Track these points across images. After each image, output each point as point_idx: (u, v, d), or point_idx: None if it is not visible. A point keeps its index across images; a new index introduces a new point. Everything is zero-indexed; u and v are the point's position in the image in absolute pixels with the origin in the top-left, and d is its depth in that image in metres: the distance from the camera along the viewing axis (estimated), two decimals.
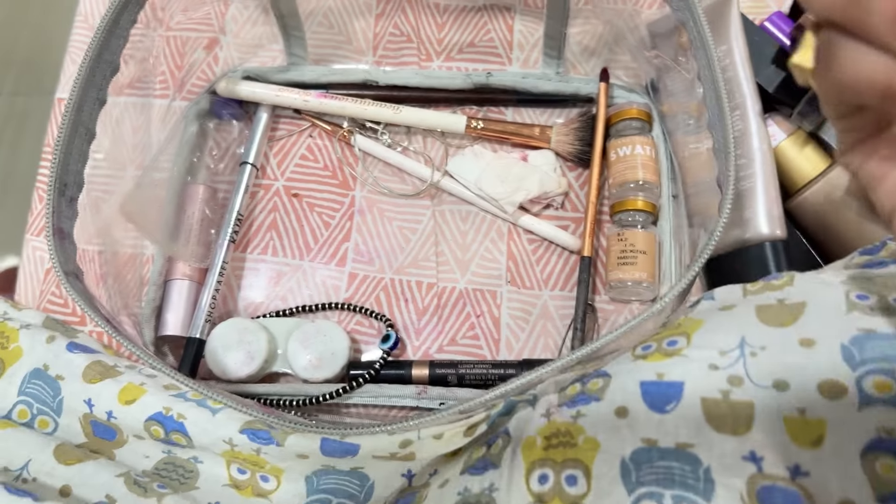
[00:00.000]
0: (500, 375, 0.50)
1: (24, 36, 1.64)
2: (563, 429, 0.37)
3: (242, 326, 0.52)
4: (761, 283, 0.38)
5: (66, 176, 0.42)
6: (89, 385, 0.48)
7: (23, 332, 0.51)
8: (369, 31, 0.63)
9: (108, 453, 0.47)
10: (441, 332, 0.55)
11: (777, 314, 0.35)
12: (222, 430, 0.44)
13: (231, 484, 0.45)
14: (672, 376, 0.35)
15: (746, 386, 0.33)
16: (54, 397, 0.48)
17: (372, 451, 0.41)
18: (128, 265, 0.56)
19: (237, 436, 0.44)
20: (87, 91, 0.44)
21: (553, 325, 0.54)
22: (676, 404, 0.34)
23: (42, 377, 0.49)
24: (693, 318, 0.38)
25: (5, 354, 0.50)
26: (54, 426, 0.48)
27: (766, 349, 0.34)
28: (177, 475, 0.46)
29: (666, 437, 0.34)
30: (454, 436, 0.41)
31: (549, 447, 0.37)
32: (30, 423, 0.48)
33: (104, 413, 0.47)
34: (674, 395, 0.35)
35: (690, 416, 0.34)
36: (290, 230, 0.58)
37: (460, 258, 0.56)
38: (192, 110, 0.59)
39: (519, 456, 0.37)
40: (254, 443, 0.43)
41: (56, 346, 0.50)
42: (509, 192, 0.54)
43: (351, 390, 0.50)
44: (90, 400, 0.47)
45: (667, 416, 0.35)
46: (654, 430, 0.34)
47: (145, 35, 0.55)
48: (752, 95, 0.51)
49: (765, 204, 0.49)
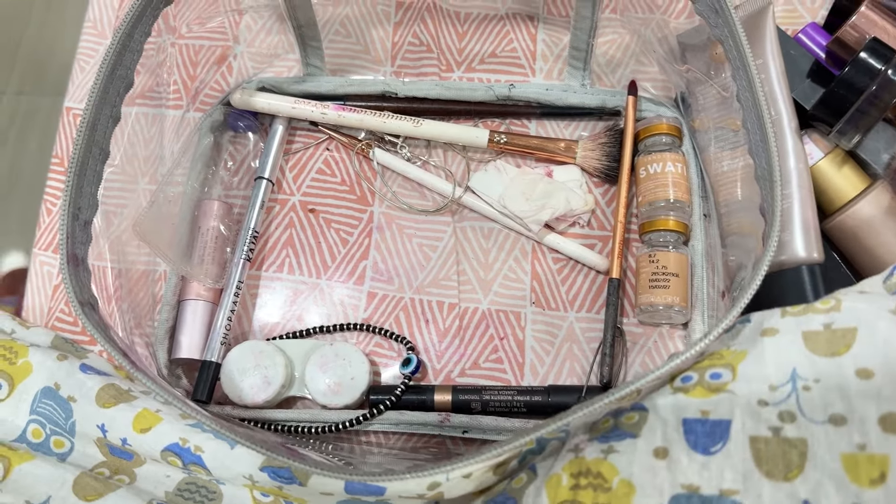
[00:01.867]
0: (525, 403, 0.48)
1: (28, 34, 1.62)
2: (593, 468, 0.35)
3: (258, 350, 0.50)
4: (801, 306, 0.36)
5: (79, 199, 0.41)
6: (103, 409, 0.47)
7: (32, 349, 0.50)
8: (388, 41, 0.61)
9: (128, 472, 0.46)
10: (463, 355, 0.53)
11: (828, 343, 0.33)
12: (241, 466, 0.43)
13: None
14: (718, 414, 0.34)
15: (800, 422, 0.31)
16: (66, 419, 0.47)
17: (399, 493, 0.40)
18: (140, 282, 0.54)
19: (257, 473, 0.42)
20: (100, 109, 0.42)
21: (579, 349, 0.52)
22: (723, 445, 0.33)
23: (54, 397, 0.48)
24: (735, 349, 0.36)
25: (14, 370, 0.49)
26: (70, 446, 0.47)
27: (819, 382, 0.32)
28: (200, 496, 0.45)
29: (710, 483, 0.32)
30: (483, 474, 0.39)
31: (577, 487, 0.35)
32: (45, 442, 0.47)
33: (118, 440, 0.46)
34: (720, 435, 0.33)
35: (738, 459, 0.32)
36: (306, 247, 0.57)
37: (483, 277, 0.54)
38: (206, 122, 0.57)
39: (543, 494, 0.35)
40: (274, 481, 0.42)
41: (68, 365, 0.49)
42: (534, 210, 0.52)
43: (371, 417, 0.48)
44: (103, 425, 0.46)
45: (711, 458, 0.33)
46: (696, 474, 0.33)
47: (158, 45, 0.53)
48: (789, 112, 0.49)
49: (801, 225, 0.47)
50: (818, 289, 0.47)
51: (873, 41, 0.47)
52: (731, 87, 0.42)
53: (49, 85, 1.58)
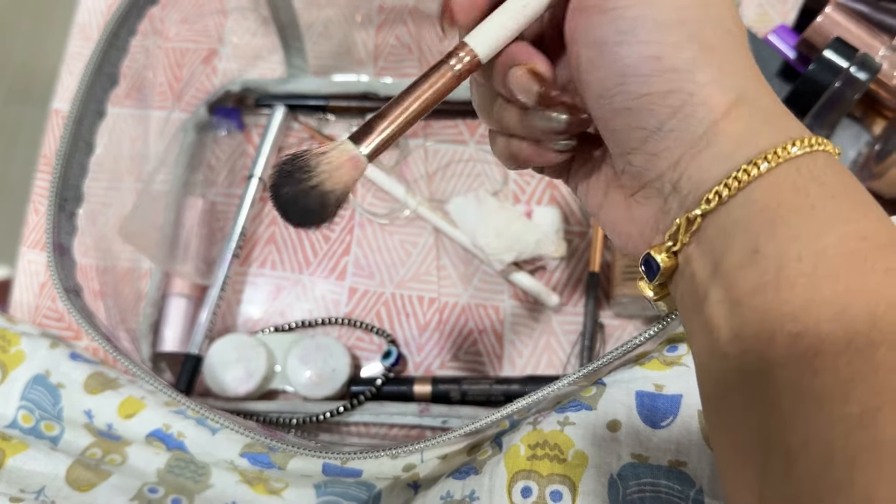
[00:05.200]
0: (503, 392, 0.49)
1: (16, 45, 1.63)
2: (550, 440, 0.36)
3: (241, 343, 0.51)
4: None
5: (65, 191, 0.42)
6: (90, 396, 0.47)
7: (24, 338, 0.50)
8: (370, 43, 0.63)
9: (119, 451, 0.46)
10: (443, 348, 0.54)
11: None
12: (223, 452, 0.43)
13: (243, 480, 0.45)
14: (671, 389, 0.34)
15: None
16: (55, 405, 0.48)
17: (375, 475, 0.41)
18: (125, 279, 0.55)
19: (238, 459, 0.43)
20: (86, 104, 0.43)
21: (557, 342, 0.53)
22: (673, 419, 0.34)
23: (43, 383, 0.48)
24: None
25: (6, 358, 0.49)
26: (60, 430, 0.47)
27: None
28: (189, 472, 0.45)
29: (658, 453, 0.33)
30: (457, 454, 0.40)
31: (534, 458, 0.35)
32: (35, 427, 0.47)
33: (104, 425, 0.46)
34: (671, 409, 0.34)
35: (686, 433, 0.33)
36: (289, 244, 0.58)
37: (462, 272, 0.55)
38: (191, 122, 0.58)
39: (501, 464, 0.36)
40: (255, 467, 0.43)
41: (59, 353, 0.49)
42: (501, 250, 0.52)
43: (352, 408, 0.49)
44: (90, 411, 0.47)
45: (661, 431, 0.34)
46: (646, 445, 0.34)
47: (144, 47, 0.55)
48: None
49: None
50: None
51: (836, 41, 0.49)
52: None
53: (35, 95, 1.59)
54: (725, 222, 0.21)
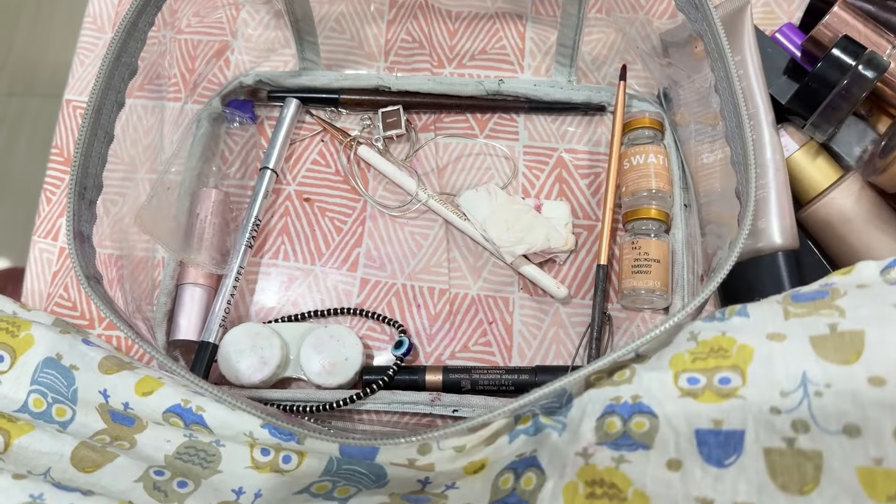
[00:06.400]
0: (513, 381, 0.50)
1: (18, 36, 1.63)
2: (607, 477, 0.34)
3: (255, 331, 0.52)
4: (807, 306, 0.35)
5: (85, 179, 0.42)
6: (105, 376, 0.47)
7: (35, 324, 0.50)
8: (381, 37, 0.63)
9: (129, 438, 0.46)
10: (453, 339, 0.55)
11: (837, 349, 0.32)
12: (243, 424, 0.43)
13: (252, 466, 0.45)
14: (731, 424, 0.32)
15: (814, 433, 0.30)
16: (68, 387, 0.47)
17: (390, 459, 0.41)
18: (140, 267, 0.55)
19: (258, 430, 0.43)
20: (105, 94, 0.44)
21: (565, 333, 0.54)
22: (737, 458, 0.32)
23: (55, 366, 0.48)
24: (741, 343, 0.35)
25: (16, 343, 0.49)
26: (72, 414, 0.47)
27: (831, 387, 0.31)
28: (199, 458, 0.45)
29: (724, 496, 0.31)
30: (475, 447, 0.41)
31: (593, 497, 0.34)
32: (47, 411, 0.47)
33: (120, 404, 0.46)
34: (734, 447, 0.32)
35: (752, 472, 0.31)
36: (301, 235, 0.58)
37: (472, 264, 0.56)
38: (204, 113, 0.59)
39: (560, 501, 0.35)
40: (274, 438, 0.43)
41: (71, 338, 0.49)
42: (512, 242, 0.53)
43: (365, 396, 0.50)
44: (105, 391, 0.46)
45: (725, 470, 0.32)
46: (710, 487, 0.32)
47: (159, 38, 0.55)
48: (766, 106, 0.52)
49: (777, 214, 0.50)
50: (793, 275, 0.49)
51: (844, 39, 0.50)
52: (710, 78, 0.44)
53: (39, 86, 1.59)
54: None
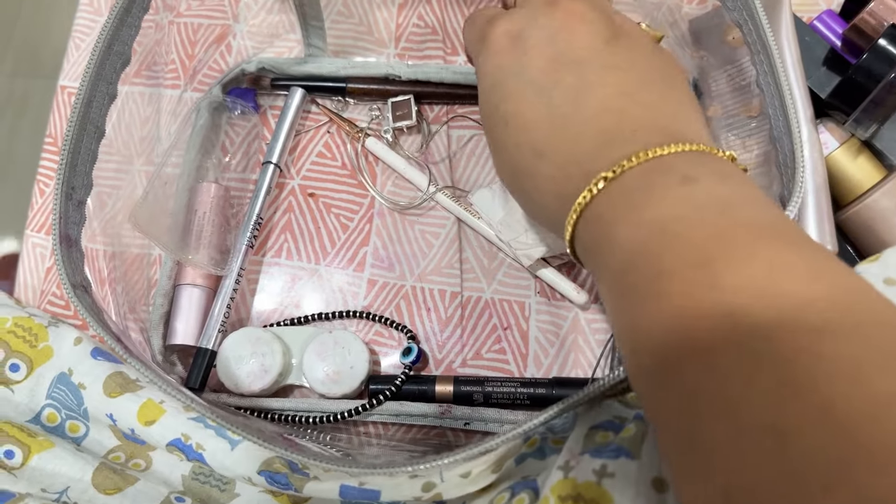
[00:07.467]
0: (529, 395, 0.47)
1: (23, 15, 1.60)
2: (585, 493, 0.31)
3: (255, 336, 0.49)
4: None
5: (73, 178, 0.39)
6: (110, 399, 0.46)
7: (52, 331, 0.49)
8: (391, 22, 0.60)
9: (143, 456, 0.46)
10: (465, 345, 0.51)
11: None
12: (241, 468, 0.42)
13: (267, 490, 0.43)
14: None
15: None
16: (79, 405, 0.47)
17: (394, 497, 0.38)
18: (135, 266, 0.52)
19: (255, 476, 0.41)
20: (96, 85, 0.41)
21: (584, 341, 0.51)
22: None
23: (66, 383, 0.47)
24: None
25: (34, 353, 0.48)
26: (85, 430, 0.47)
27: None
28: (215, 480, 0.45)
29: None
30: (481, 473, 0.38)
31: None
32: (60, 426, 0.47)
33: (127, 429, 0.45)
34: None
35: None
36: (305, 232, 0.55)
37: (486, 266, 0.53)
38: (204, 102, 0.56)
39: None
40: (271, 486, 0.41)
41: (81, 350, 0.48)
42: (529, 245, 0.49)
43: (371, 408, 0.47)
44: (112, 415, 0.46)
45: None
46: None
47: (156, 22, 0.52)
48: (804, 100, 0.48)
49: (815, 216, 0.46)
50: None
51: (892, 28, 0.46)
52: (750, 72, 0.41)
53: (43, 67, 1.56)
54: None
